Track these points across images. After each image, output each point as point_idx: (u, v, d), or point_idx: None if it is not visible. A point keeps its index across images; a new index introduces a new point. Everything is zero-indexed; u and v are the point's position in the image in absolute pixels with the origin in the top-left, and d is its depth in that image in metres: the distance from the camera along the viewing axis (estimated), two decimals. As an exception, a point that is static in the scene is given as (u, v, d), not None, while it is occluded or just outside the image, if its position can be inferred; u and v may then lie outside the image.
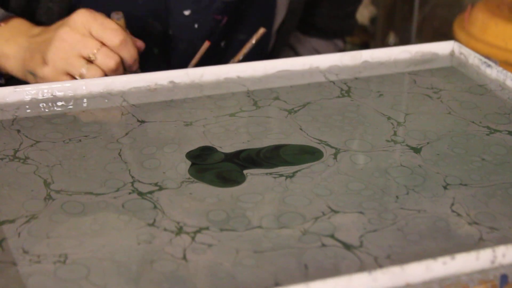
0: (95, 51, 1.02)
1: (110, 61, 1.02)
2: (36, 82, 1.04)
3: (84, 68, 1.02)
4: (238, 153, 0.86)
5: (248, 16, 1.23)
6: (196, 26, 1.19)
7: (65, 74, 1.03)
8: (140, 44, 1.08)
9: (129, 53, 1.03)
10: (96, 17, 1.03)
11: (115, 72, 1.03)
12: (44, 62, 1.03)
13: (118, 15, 1.07)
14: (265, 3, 1.25)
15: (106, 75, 1.03)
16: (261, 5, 1.25)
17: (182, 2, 1.18)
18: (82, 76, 1.02)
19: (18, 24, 1.10)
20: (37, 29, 1.09)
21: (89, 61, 1.02)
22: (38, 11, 1.15)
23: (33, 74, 1.05)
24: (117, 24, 1.04)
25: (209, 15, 1.19)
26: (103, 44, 1.02)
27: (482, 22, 1.91)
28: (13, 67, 1.08)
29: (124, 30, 1.04)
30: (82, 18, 1.02)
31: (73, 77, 1.03)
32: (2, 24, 1.09)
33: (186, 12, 1.18)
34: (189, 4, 1.18)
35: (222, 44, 1.23)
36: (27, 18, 1.12)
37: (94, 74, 1.02)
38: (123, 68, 1.05)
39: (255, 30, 1.13)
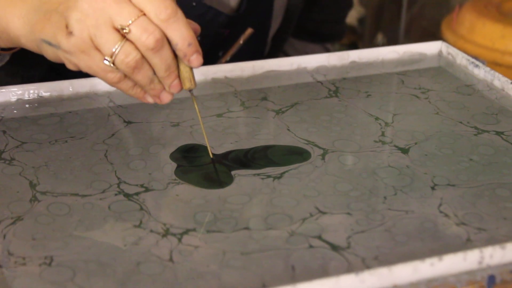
0: (130, 21, 0.76)
1: (147, 37, 0.76)
2: (57, 56, 0.81)
3: (118, 46, 0.77)
4: (226, 154, 0.86)
5: (246, 25, 1.22)
6: (199, 39, 1.18)
7: (95, 49, 0.78)
8: (196, 26, 0.82)
9: (180, 32, 0.78)
10: None
11: (156, 53, 0.77)
12: (68, 31, 0.78)
13: None
14: (262, 13, 1.24)
15: (144, 57, 0.78)
16: (258, 14, 1.24)
17: (187, 14, 1.13)
18: (114, 57, 0.77)
19: None
20: None
21: (124, 36, 0.77)
22: None
23: (53, 45, 0.80)
24: None
25: (213, 29, 1.16)
26: (144, 14, 0.77)
27: (470, 22, 1.91)
28: (20, 33, 0.84)
29: (174, 2, 0.78)
30: None
31: (103, 57, 0.78)
32: None
33: None
34: (193, 18, 1.04)
35: (220, 53, 1.22)
36: None
37: (130, 55, 0.77)
38: (175, 56, 0.80)
39: (251, 39, 1.12)
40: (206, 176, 0.82)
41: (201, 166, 0.84)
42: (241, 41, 1.13)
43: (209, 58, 1.13)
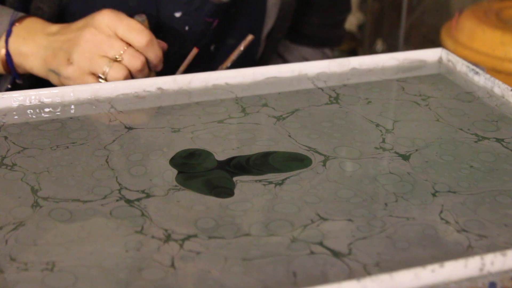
0: (121, 52, 1.03)
1: (136, 62, 1.03)
2: (60, 81, 1.06)
3: (108, 67, 1.02)
4: (229, 161, 0.86)
5: (238, 20, 1.23)
6: (186, 28, 1.19)
7: (89, 74, 1.04)
8: (164, 45, 1.09)
9: (155, 53, 1.05)
10: (121, 17, 1.04)
11: (141, 72, 1.04)
12: (69, 62, 1.03)
13: (142, 18, 1.09)
14: (256, 9, 1.25)
15: (131, 75, 1.04)
16: (252, 10, 1.25)
17: (173, 3, 1.17)
18: (106, 75, 1.02)
19: (33, 23, 1.10)
20: (54, 27, 1.09)
21: (114, 60, 1.03)
22: (30, 11, 1.15)
23: (57, 73, 1.05)
24: (142, 25, 1.05)
25: (200, 17, 1.19)
26: (129, 45, 1.03)
27: (469, 29, 1.92)
28: (33, 65, 1.08)
29: (149, 31, 1.05)
30: (107, 19, 1.03)
31: (97, 78, 1.03)
32: (17, 24, 1.09)
33: (177, 14, 1.18)
34: (180, 5, 1.18)
35: (212, 47, 1.23)
36: None
37: (118, 73, 1.02)
38: (148, 68, 1.06)
39: (244, 35, 1.13)
40: (208, 182, 0.82)
41: (203, 172, 0.84)
42: (241, 48, 1.13)
43: (201, 52, 1.14)
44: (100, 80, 1.03)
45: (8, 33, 1.09)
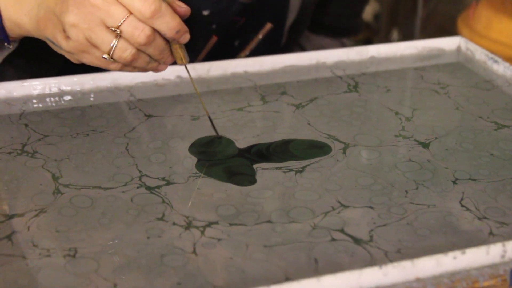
0: (120, 21, 0.82)
1: (139, 35, 0.82)
2: (61, 52, 0.88)
3: (112, 43, 0.83)
4: (249, 149, 0.86)
5: (262, 15, 1.22)
6: (214, 26, 1.18)
7: (93, 47, 0.84)
8: (184, 10, 0.85)
9: (167, 24, 0.83)
10: None
11: (148, 46, 0.84)
12: (65, 35, 0.85)
13: None
14: (278, 3, 1.25)
15: (139, 51, 0.85)
16: (275, 5, 1.24)
17: (202, 2, 1.16)
18: (110, 53, 0.84)
19: None
20: None
21: (115, 34, 0.83)
22: None
23: (56, 45, 0.87)
24: None
25: (228, 16, 1.17)
26: (131, 13, 0.83)
27: (486, 18, 1.91)
28: (29, 28, 0.90)
29: None
30: None
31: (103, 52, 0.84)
32: None
33: (205, 12, 1.17)
34: (209, 4, 1.14)
35: (236, 43, 1.23)
36: None
37: (124, 51, 0.84)
38: (167, 41, 0.85)
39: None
40: (228, 169, 0.82)
41: (223, 160, 0.84)
42: (260, 36, 1.13)
43: (225, 47, 1.14)
44: (104, 57, 0.84)
45: None
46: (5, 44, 0.94)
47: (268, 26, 1.13)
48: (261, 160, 0.84)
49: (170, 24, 0.83)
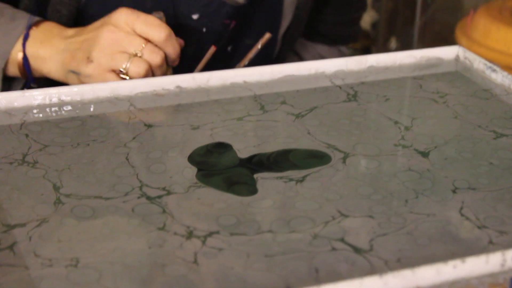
0: (141, 48, 1.04)
1: (156, 57, 1.04)
2: (79, 81, 1.06)
3: (128, 62, 1.03)
4: (250, 158, 0.86)
5: (255, 21, 1.23)
6: (204, 30, 1.19)
7: (110, 71, 1.04)
8: (181, 41, 1.10)
9: (173, 49, 1.06)
10: (139, 14, 1.05)
11: (160, 67, 1.06)
12: (89, 60, 1.04)
13: (159, 15, 1.09)
14: (272, 8, 1.25)
15: (152, 71, 1.05)
16: (268, 10, 1.25)
17: (191, 6, 1.18)
18: (127, 70, 1.03)
19: (50, 27, 1.11)
20: (71, 31, 1.10)
21: (134, 55, 1.04)
22: (47, 14, 1.15)
23: (76, 73, 1.06)
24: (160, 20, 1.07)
25: (218, 19, 1.19)
26: (148, 40, 1.04)
27: (484, 27, 1.92)
28: (51, 69, 1.09)
29: (167, 26, 1.06)
30: (124, 16, 1.04)
31: (118, 74, 1.04)
32: (34, 28, 1.10)
33: (195, 16, 1.18)
34: (198, 8, 1.18)
35: (229, 48, 1.23)
36: None
37: (140, 67, 1.03)
38: (166, 63, 1.07)
39: (261, 35, 1.13)
40: (228, 179, 0.83)
41: (223, 170, 0.84)
42: (259, 46, 1.13)
43: (218, 53, 1.15)
44: (122, 75, 1.04)
45: (26, 37, 1.09)
46: (31, 84, 1.13)
47: (267, 35, 1.13)
48: (262, 169, 0.84)
49: (175, 47, 1.06)
